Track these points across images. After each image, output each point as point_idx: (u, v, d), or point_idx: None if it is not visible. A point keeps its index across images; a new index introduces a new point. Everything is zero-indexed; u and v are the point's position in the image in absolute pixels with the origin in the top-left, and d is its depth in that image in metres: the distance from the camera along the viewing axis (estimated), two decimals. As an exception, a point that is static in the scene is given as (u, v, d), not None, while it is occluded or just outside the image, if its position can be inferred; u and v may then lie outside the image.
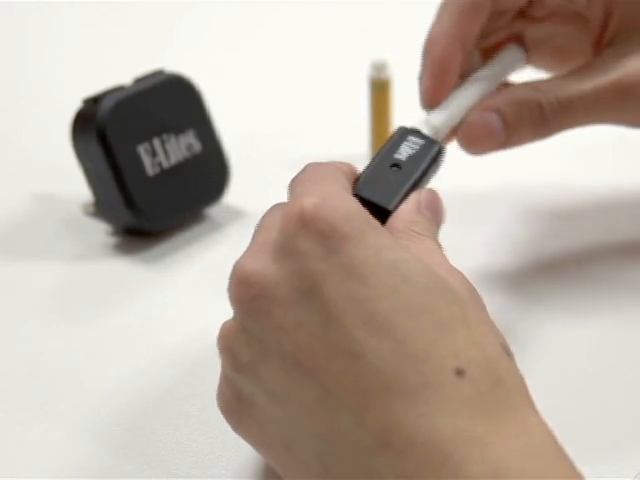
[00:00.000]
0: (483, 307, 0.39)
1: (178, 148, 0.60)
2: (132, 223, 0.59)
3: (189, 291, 0.56)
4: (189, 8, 0.93)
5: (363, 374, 0.36)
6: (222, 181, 0.62)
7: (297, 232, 0.38)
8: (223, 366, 0.40)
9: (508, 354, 0.38)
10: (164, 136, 0.59)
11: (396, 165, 0.47)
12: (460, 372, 0.36)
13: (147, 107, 0.59)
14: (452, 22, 0.53)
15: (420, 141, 0.48)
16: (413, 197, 0.44)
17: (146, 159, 0.58)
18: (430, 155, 0.48)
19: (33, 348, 0.52)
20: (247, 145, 0.69)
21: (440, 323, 0.37)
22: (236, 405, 0.40)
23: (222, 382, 0.41)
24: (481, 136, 0.52)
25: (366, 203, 0.43)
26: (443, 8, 0.54)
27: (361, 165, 0.46)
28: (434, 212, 0.44)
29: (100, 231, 0.61)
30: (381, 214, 0.43)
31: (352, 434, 0.36)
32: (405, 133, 0.49)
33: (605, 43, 0.55)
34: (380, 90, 0.66)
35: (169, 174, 0.59)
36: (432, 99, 0.53)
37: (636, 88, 0.53)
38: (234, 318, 0.40)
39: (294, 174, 0.43)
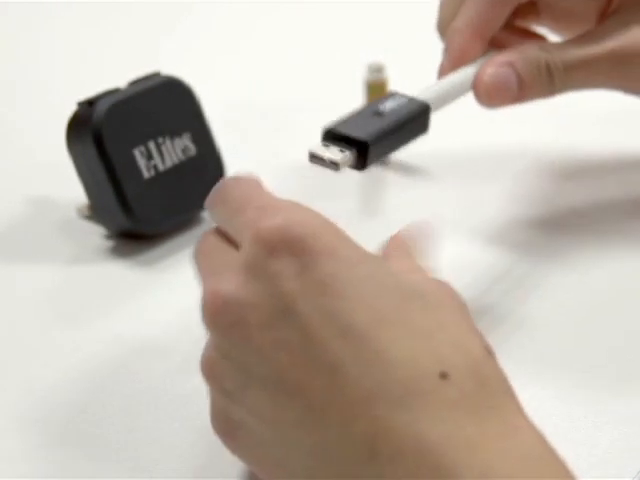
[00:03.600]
0: (460, 308, 0.39)
1: (174, 151, 0.60)
2: (127, 226, 0.59)
3: (184, 294, 0.56)
4: (185, 11, 0.93)
5: (346, 386, 0.36)
6: (218, 181, 0.62)
7: (268, 253, 0.38)
8: (212, 392, 0.41)
9: (490, 353, 0.38)
10: (160, 139, 0.59)
11: (378, 114, 0.49)
12: (444, 375, 0.36)
13: (143, 110, 0.59)
14: (477, 14, 0.57)
15: (406, 99, 0.50)
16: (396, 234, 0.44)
17: (142, 162, 0.58)
18: (414, 109, 0.50)
19: (28, 350, 0.52)
20: (243, 148, 0.69)
21: (417, 331, 0.37)
22: (228, 428, 0.40)
23: (213, 406, 0.41)
24: (497, 89, 0.55)
25: (342, 139, 0.42)
26: None
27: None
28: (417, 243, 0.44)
29: (96, 234, 0.61)
30: (359, 150, 0.43)
31: (340, 447, 0.36)
32: (394, 94, 0.51)
33: (610, 12, 0.57)
34: (376, 92, 0.66)
35: (165, 177, 0.59)
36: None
37: (632, 57, 0.56)
38: (213, 345, 0.40)
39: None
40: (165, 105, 0.60)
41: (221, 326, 0.39)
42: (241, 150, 0.68)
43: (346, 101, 0.72)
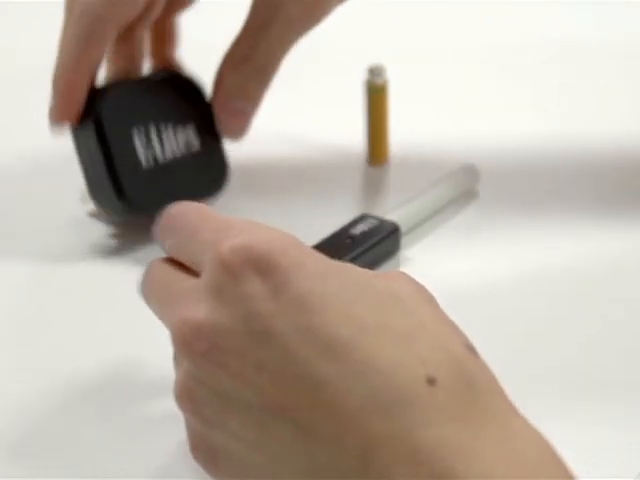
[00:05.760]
0: (432, 303, 0.39)
1: (175, 142, 0.60)
2: (121, 210, 0.58)
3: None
4: (192, 7, 0.93)
5: (334, 401, 0.35)
6: (220, 180, 0.62)
7: (234, 274, 0.37)
8: (189, 421, 0.39)
9: (471, 349, 0.37)
10: (161, 125, 0.59)
11: (350, 238, 0.55)
12: (431, 380, 0.35)
13: (147, 100, 0.59)
14: (76, 53, 0.57)
15: (376, 221, 0.56)
16: None
17: (140, 149, 0.58)
18: (384, 230, 0.56)
19: (28, 350, 0.52)
20: (243, 148, 0.69)
21: (398, 336, 0.36)
22: (212, 456, 0.39)
23: (192, 436, 0.40)
24: None
25: None
26: (67, 36, 0.59)
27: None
28: None
29: (97, 233, 0.61)
30: None
31: (335, 462, 0.36)
32: (364, 216, 0.57)
33: None
34: (377, 94, 0.66)
35: (165, 168, 0.59)
36: (60, 117, 0.57)
37: None
38: (187, 373, 0.39)
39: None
40: (170, 98, 0.60)
41: (196, 354, 0.38)
42: (241, 150, 0.68)
43: (347, 103, 0.72)
